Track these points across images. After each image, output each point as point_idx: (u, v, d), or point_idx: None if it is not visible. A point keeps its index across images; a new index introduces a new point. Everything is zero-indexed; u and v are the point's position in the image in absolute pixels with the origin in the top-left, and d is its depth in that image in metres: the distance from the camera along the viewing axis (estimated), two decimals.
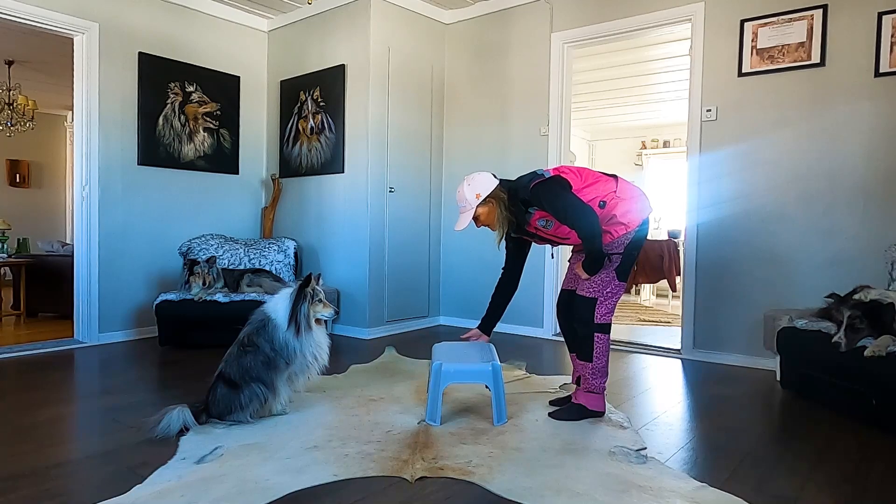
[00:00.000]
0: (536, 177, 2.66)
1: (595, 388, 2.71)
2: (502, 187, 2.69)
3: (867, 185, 3.54)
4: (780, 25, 3.77)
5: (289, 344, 2.63)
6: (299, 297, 2.65)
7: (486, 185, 2.68)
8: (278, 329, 2.63)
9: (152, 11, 4.73)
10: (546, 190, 2.61)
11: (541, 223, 2.71)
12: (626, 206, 2.64)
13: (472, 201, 2.67)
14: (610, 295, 2.66)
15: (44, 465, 2.17)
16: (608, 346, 2.71)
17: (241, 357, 2.62)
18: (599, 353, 2.68)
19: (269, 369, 2.62)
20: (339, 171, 4.94)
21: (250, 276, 4.57)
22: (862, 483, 2.10)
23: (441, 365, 2.63)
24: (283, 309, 2.66)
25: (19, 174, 8.98)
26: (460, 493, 1.98)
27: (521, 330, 4.93)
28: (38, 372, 3.59)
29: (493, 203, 2.68)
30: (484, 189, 2.67)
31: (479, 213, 2.70)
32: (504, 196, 2.68)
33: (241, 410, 2.58)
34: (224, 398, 2.58)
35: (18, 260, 5.64)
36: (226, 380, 2.60)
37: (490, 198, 2.67)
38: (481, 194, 2.66)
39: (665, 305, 7.20)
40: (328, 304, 2.76)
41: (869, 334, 2.77)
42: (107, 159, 4.50)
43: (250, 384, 2.58)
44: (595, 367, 2.68)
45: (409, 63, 5.05)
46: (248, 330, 2.69)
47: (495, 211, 2.68)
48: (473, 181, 2.69)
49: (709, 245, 4.07)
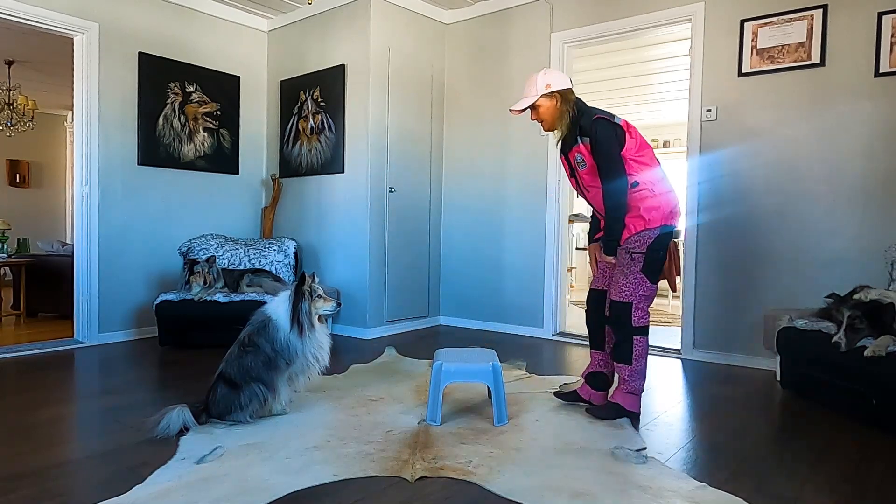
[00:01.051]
0: (605, 114, 2.63)
1: (634, 390, 2.71)
2: (574, 93, 2.69)
3: (867, 185, 3.54)
4: (780, 25, 3.77)
5: (290, 344, 2.62)
6: (298, 297, 2.65)
7: (561, 81, 2.67)
8: (279, 330, 2.63)
9: (152, 11, 4.73)
10: (604, 129, 2.59)
11: (578, 157, 2.69)
12: (653, 202, 2.63)
13: (540, 89, 2.65)
14: (644, 298, 2.66)
15: (44, 465, 2.17)
16: (647, 348, 2.70)
17: (241, 357, 2.62)
18: (638, 355, 2.67)
19: (270, 369, 2.61)
20: (339, 171, 4.94)
21: (250, 276, 4.57)
22: (862, 483, 2.10)
23: (442, 364, 2.63)
24: (284, 310, 2.66)
25: (19, 174, 8.98)
26: (460, 493, 1.98)
27: (521, 330, 4.93)
28: (38, 372, 3.59)
29: (559, 99, 2.66)
30: (556, 83, 2.65)
31: (540, 104, 2.68)
32: (572, 99, 2.68)
33: (240, 410, 2.58)
34: (224, 398, 2.58)
35: (18, 260, 5.64)
36: (226, 380, 2.60)
37: (557, 93, 2.65)
38: (552, 85, 2.64)
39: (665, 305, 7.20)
40: (329, 298, 2.75)
41: (869, 334, 2.77)
42: (107, 159, 4.50)
43: (250, 384, 2.58)
44: (634, 369, 2.68)
45: (409, 63, 5.05)
46: (248, 330, 2.69)
47: (557, 108, 2.67)
48: (550, 73, 2.69)
49: (709, 245, 4.07)
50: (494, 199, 5.09)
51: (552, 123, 2.74)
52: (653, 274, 2.65)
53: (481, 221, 5.18)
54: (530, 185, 4.88)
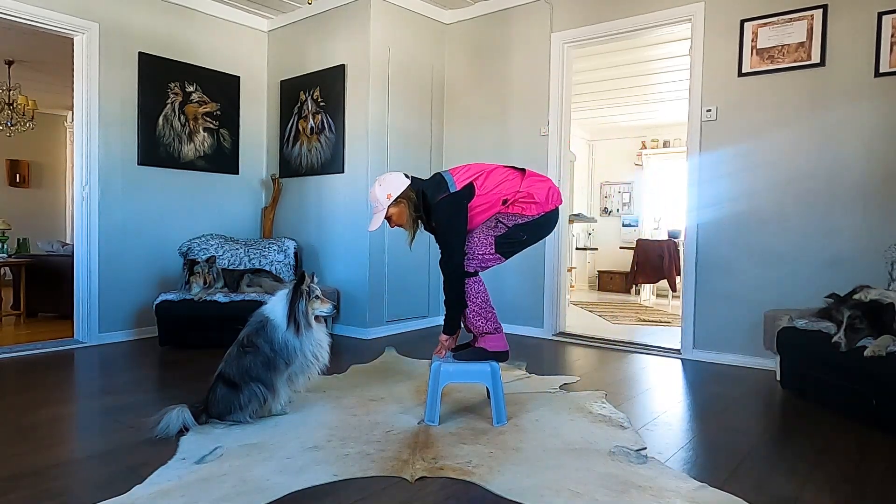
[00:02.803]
0: (442, 190, 2.64)
1: (485, 330, 2.70)
2: (413, 188, 2.70)
3: (867, 185, 3.54)
4: (780, 25, 3.77)
5: (288, 343, 2.62)
6: (296, 296, 2.65)
7: (397, 185, 2.69)
8: (277, 329, 2.63)
9: (152, 11, 4.73)
10: (443, 209, 2.64)
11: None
12: (525, 204, 2.65)
13: (384, 202, 2.68)
14: (480, 257, 2.66)
15: (44, 465, 2.17)
16: (479, 287, 2.68)
17: (240, 357, 2.62)
18: (472, 295, 2.67)
19: (269, 370, 2.61)
20: (339, 171, 4.94)
21: (250, 276, 4.57)
22: (862, 483, 2.10)
23: (440, 365, 2.63)
24: (281, 309, 2.66)
25: (19, 174, 8.98)
26: (460, 493, 1.98)
27: (521, 330, 4.93)
28: (38, 372, 3.60)
29: (404, 204, 2.69)
30: (395, 189, 2.68)
31: (391, 214, 2.71)
32: (414, 196, 2.70)
33: (240, 410, 2.58)
34: (224, 398, 2.58)
35: (18, 260, 5.64)
36: (225, 380, 2.60)
37: (401, 198, 2.68)
38: (392, 195, 2.68)
39: (665, 305, 7.20)
40: (326, 300, 2.76)
41: (869, 334, 2.77)
42: (107, 159, 4.50)
43: (250, 384, 2.58)
44: (472, 310, 2.68)
45: (409, 63, 5.05)
46: (247, 331, 2.69)
47: (407, 211, 2.70)
48: (385, 181, 2.71)
49: (709, 245, 4.07)
50: None
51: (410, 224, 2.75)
52: (504, 246, 2.67)
53: None
54: None
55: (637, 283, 7.54)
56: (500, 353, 2.72)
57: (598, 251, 9.45)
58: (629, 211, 9.28)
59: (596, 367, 3.84)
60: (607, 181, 9.40)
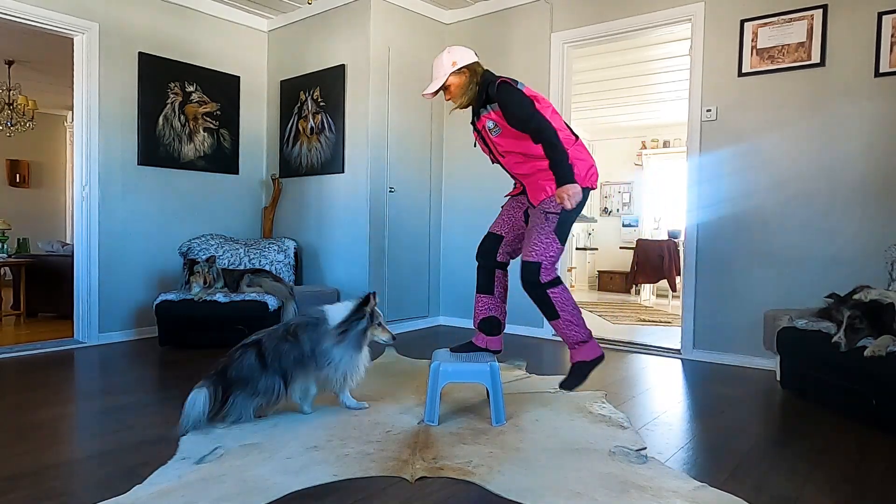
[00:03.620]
0: (508, 79, 2.59)
1: (579, 338, 2.65)
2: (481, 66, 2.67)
3: (867, 185, 3.54)
4: (780, 25, 3.77)
5: (328, 354, 2.57)
6: (357, 313, 2.62)
7: (466, 56, 2.64)
8: (327, 336, 2.58)
9: (152, 11, 4.73)
10: (512, 93, 2.55)
11: (489, 124, 2.66)
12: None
13: (447, 68, 2.63)
14: (552, 259, 2.62)
15: (44, 465, 2.17)
16: (567, 295, 2.64)
17: (281, 342, 2.56)
18: (562, 305, 2.62)
19: (298, 368, 2.56)
20: (339, 171, 4.94)
21: (250, 276, 4.57)
22: (862, 483, 2.10)
23: (439, 364, 2.63)
24: (341, 318, 2.61)
25: (19, 174, 8.98)
26: (460, 493, 1.98)
27: (521, 330, 4.93)
28: (38, 372, 3.59)
29: (467, 75, 2.64)
30: (462, 59, 2.63)
31: (450, 82, 2.66)
32: (480, 71, 2.65)
33: (250, 396, 2.51)
34: (250, 369, 2.51)
35: (18, 260, 5.64)
36: (260, 352, 2.54)
37: (465, 68, 2.63)
38: (458, 62, 2.62)
39: (665, 305, 7.20)
40: (387, 330, 2.72)
41: (869, 334, 2.77)
42: (107, 159, 4.50)
43: (274, 373, 2.52)
44: (565, 319, 2.63)
45: (410, 63, 5.05)
46: (298, 320, 2.62)
47: (466, 83, 2.65)
48: (454, 50, 2.66)
49: (709, 245, 4.07)
50: (494, 198, 5.07)
51: (464, 99, 2.70)
52: (563, 234, 2.62)
53: (481, 221, 5.17)
54: None
55: (637, 283, 7.54)
56: (598, 358, 2.67)
57: (598, 251, 9.45)
58: (629, 211, 9.29)
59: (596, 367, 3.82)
60: (607, 181, 9.40)
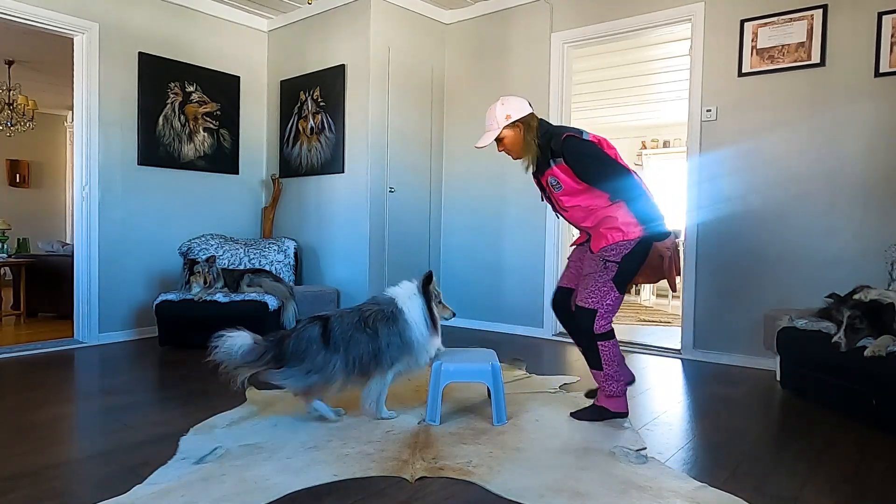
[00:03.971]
0: (573, 131, 2.57)
1: (613, 393, 2.67)
2: (536, 118, 2.65)
3: (867, 185, 3.54)
4: (780, 25, 3.77)
5: (418, 344, 2.53)
6: (429, 297, 2.59)
7: (520, 108, 2.62)
8: (412, 328, 2.54)
9: (152, 11, 4.73)
10: (578, 144, 2.52)
11: (552, 181, 2.65)
12: (630, 216, 2.57)
13: (501, 121, 2.61)
14: (610, 307, 2.61)
15: (44, 465, 2.17)
16: (615, 351, 2.65)
17: (356, 330, 2.50)
18: (608, 359, 2.63)
19: (372, 360, 2.51)
20: (339, 171, 4.94)
21: (250, 276, 4.57)
22: (862, 483, 2.10)
23: (441, 364, 2.63)
24: (416, 307, 2.58)
25: (19, 174, 8.98)
26: (460, 493, 1.98)
27: (521, 330, 4.93)
28: (38, 372, 3.59)
29: (521, 128, 2.62)
30: (516, 112, 2.61)
31: (504, 135, 2.65)
32: (535, 125, 2.63)
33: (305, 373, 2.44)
34: (309, 341, 2.46)
35: (18, 260, 5.64)
36: (327, 328, 2.49)
37: (519, 122, 2.61)
38: (511, 116, 2.61)
39: (665, 305, 7.20)
40: (447, 307, 2.71)
41: (869, 334, 2.77)
42: (107, 159, 4.50)
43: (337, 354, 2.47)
44: (607, 374, 2.65)
45: (409, 63, 5.05)
46: (375, 310, 2.56)
47: (521, 137, 2.62)
48: (508, 102, 2.64)
49: (709, 245, 4.07)
50: (494, 198, 5.09)
51: (519, 153, 2.70)
52: (622, 284, 2.62)
53: (481, 221, 5.18)
54: (530, 184, 4.81)
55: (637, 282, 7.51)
56: (621, 413, 2.69)
57: None
58: None
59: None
60: None
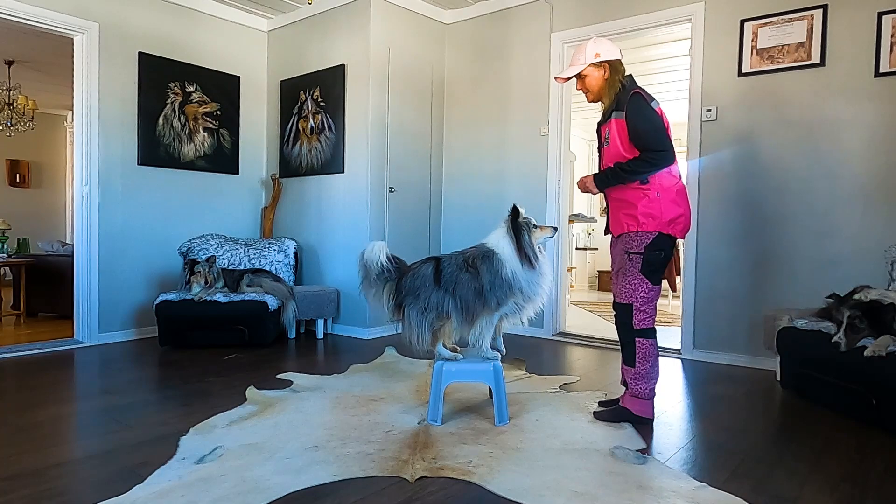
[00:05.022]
0: (647, 94, 2.54)
1: (640, 394, 2.64)
2: (623, 66, 2.60)
3: (867, 185, 3.54)
4: (780, 25, 3.77)
5: (515, 279, 2.49)
6: (518, 230, 2.56)
7: (610, 51, 2.59)
8: (504, 264, 2.51)
9: (152, 11, 4.73)
10: (643, 105, 2.48)
11: (606, 133, 2.62)
12: (652, 208, 2.52)
13: (589, 58, 2.57)
14: (645, 300, 2.58)
15: (44, 465, 2.17)
16: (652, 351, 2.62)
17: (460, 270, 2.51)
18: (642, 357, 2.61)
19: (476, 299, 2.49)
20: (339, 171, 4.94)
21: (250, 276, 4.57)
22: (862, 483, 2.10)
23: (443, 364, 2.63)
24: (507, 245, 2.54)
25: (19, 174, 8.99)
26: (460, 493, 1.98)
27: (521, 330, 4.92)
28: (38, 372, 3.59)
29: (607, 70, 2.58)
30: (606, 53, 2.58)
31: (586, 73, 2.60)
32: (621, 70, 2.59)
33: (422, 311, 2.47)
34: (423, 279, 2.49)
35: (18, 260, 5.64)
36: (438, 269, 2.50)
37: (606, 63, 2.57)
38: (601, 55, 2.57)
39: (665, 305, 7.20)
40: (545, 226, 2.65)
41: (869, 334, 2.77)
42: (107, 159, 4.50)
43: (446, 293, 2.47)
44: (637, 371, 2.63)
45: (409, 63, 5.05)
46: (473, 253, 2.57)
47: (604, 79, 2.59)
48: (600, 42, 2.61)
49: (709, 245, 4.07)
50: (494, 199, 5.09)
51: (597, 94, 2.64)
52: (653, 274, 2.57)
53: (481, 221, 5.17)
54: (530, 185, 4.88)
55: None
56: (645, 419, 2.65)
57: (598, 251, 9.44)
58: None
59: (596, 367, 3.84)
60: None
